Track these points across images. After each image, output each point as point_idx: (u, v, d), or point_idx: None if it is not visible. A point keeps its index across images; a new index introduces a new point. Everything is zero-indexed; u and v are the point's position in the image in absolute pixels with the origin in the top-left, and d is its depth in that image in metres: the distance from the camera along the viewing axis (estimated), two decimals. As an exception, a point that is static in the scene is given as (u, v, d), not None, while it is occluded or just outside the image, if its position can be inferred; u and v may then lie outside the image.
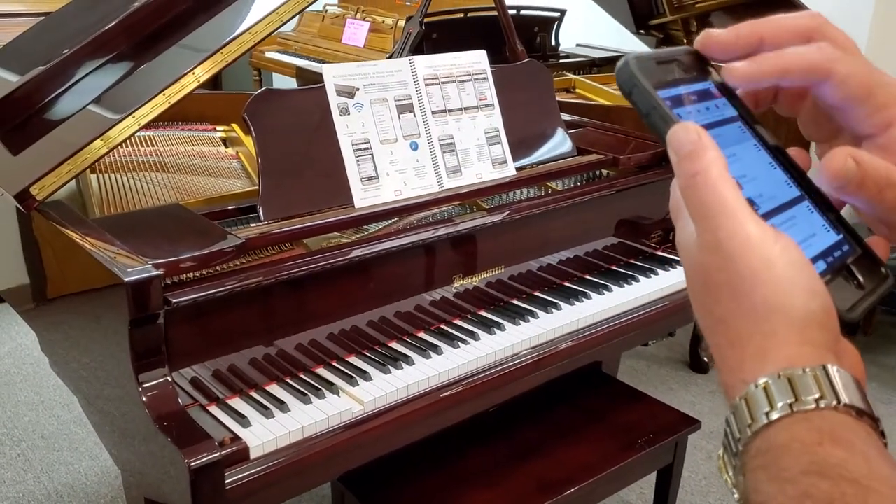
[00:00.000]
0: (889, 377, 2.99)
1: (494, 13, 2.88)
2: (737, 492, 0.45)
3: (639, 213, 1.93)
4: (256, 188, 1.61)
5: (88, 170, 1.50)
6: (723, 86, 0.54)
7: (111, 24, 1.59)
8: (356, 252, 1.42)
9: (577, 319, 1.62)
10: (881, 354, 3.14)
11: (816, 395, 0.42)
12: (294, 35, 4.68)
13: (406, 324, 1.52)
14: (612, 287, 1.75)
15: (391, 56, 2.80)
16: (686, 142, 0.47)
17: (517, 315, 1.60)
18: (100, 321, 1.37)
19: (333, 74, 1.51)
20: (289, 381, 1.35)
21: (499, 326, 1.56)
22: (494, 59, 1.76)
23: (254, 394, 1.30)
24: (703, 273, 0.47)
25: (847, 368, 0.43)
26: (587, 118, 2.18)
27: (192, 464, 1.09)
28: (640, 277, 1.81)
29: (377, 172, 1.53)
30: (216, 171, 1.81)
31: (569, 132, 1.89)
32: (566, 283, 1.77)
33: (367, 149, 1.53)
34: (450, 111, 1.64)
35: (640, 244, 1.95)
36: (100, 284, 1.27)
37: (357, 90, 1.53)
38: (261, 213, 1.42)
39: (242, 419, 1.22)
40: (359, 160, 1.51)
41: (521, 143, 1.77)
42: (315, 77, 2.89)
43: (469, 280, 1.60)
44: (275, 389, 1.32)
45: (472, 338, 1.51)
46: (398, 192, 1.55)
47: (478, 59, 1.70)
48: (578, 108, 2.43)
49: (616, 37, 3.50)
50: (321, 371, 1.39)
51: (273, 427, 1.22)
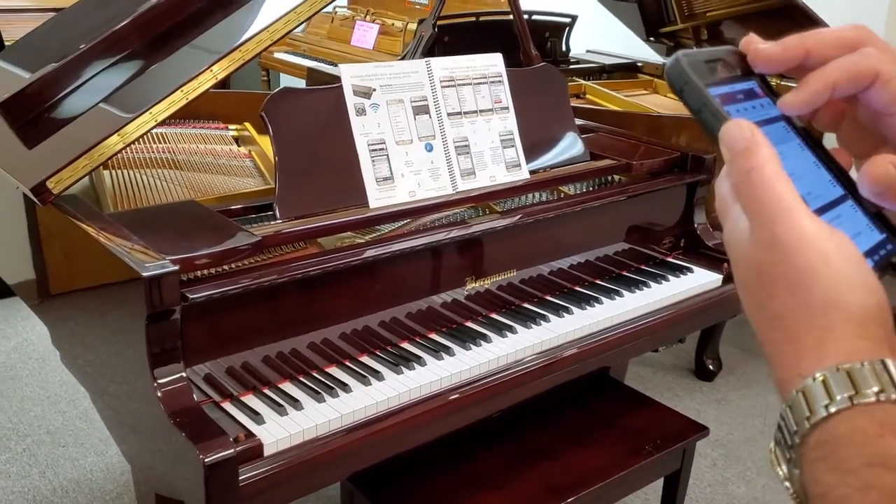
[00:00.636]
0: None
1: (505, 17, 2.89)
2: (790, 485, 0.46)
3: (650, 220, 1.93)
4: (269, 187, 1.61)
5: (101, 166, 1.50)
6: (766, 85, 0.54)
7: (126, 22, 1.60)
8: (370, 252, 1.42)
9: (589, 324, 1.62)
10: None
11: (876, 389, 0.42)
12: (303, 36, 4.69)
13: (418, 325, 1.52)
14: (624, 292, 1.75)
15: (403, 59, 2.82)
16: (740, 138, 0.48)
17: (529, 318, 1.60)
18: (106, 318, 1.37)
19: (351, 74, 1.51)
20: (302, 380, 1.35)
21: (510, 329, 1.56)
22: (506, 64, 1.76)
23: (268, 391, 1.30)
24: (757, 268, 0.47)
25: None
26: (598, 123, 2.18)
27: (207, 459, 1.09)
28: (652, 283, 1.81)
29: (392, 173, 1.54)
30: (229, 170, 1.81)
31: (581, 137, 1.89)
32: (577, 288, 1.77)
33: (383, 149, 1.53)
34: (465, 113, 1.64)
35: (651, 250, 1.95)
36: (113, 280, 1.27)
37: (374, 90, 1.53)
38: (277, 212, 1.42)
39: (256, 416, 1.22)
40: (374, 160, 1.52)
41: (535, 147, 1.78)
42: (326, 78, 2.90)
43: (481, 283, 1.60)
44: (288, 387, 1.32)
45: (484, 340, 1.51)
46: (412, 194, 1.56)
47: (494, 62, 1.70)
48: (588, 114, 2.43)
49: (626, 44, 3.51)
50: (334, 370, 1.39)
51: (287, 425, 1.22)
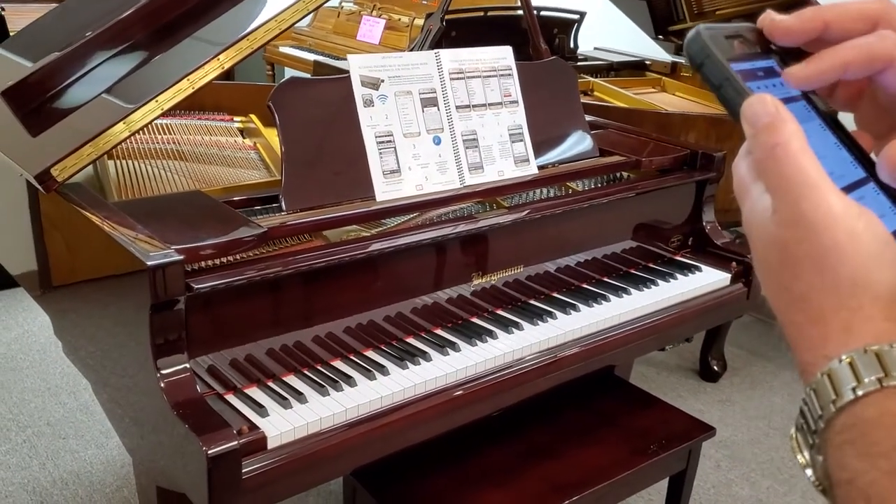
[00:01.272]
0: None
1: (513, 13, 2.87)
2: (812, 472, 0.44)
3: (659, 217, 1.91)
4: (274, 179, 1.60)
5: (106, 155, 1.49)
6: (786, 64, 0.53)
7: (131, 11, 1.58)
8: (376, 246, 1.40)
9: (596, 322, 1.60)
10: None
11: None
12: (309, 31, 4.67)
13: (423, 320, 1.51)
14: (631, 290, 1.74)
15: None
16: (763, 113, 0.46)
17: (535, 315, 1.59)
18: (109, 308, 1.36)
19: (359, 65, 1.49)
20: (306, 373, 1.33)
21: (516, 326, 1.54)
22: (515, 59, 1.74)
23: (272, 384, 1.29)
24: (781, 248, 0.45)
25: None
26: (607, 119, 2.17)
27: (210, 452, 1.07)
28: (660, 282, 1.79)
29: (399, 166, 1.52)
30: (233, 162, 1.80)
31: (590, 133, 1.87)
32: (584, 285, 1.75)
33: (390, 142, 1.51)
34: (474, 106, 1.63)
35: (660, 248, 1.93)
36: (117, 270, 1.26)
37: (382, 82, 1.51)
38: (283, 203, 1.40)
39: (260, 409, 1.21)
40: (381, 153, 1.50)
41: (544, 142, 1.76)
42: (332, 72, 2.88)
43: (487, 278, 1.59)
44: (292, 380, 1.31)
45: (490, 336, 1.50)
46: (419, 187, 1.54)
47: (503, 55, 1.68)
48: (597, 111, 2.41)
49: (634, 41, 3.50)
50: (338, 364, 1.37)
51: (291, 418, 1.20)
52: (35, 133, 1.48)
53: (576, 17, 3.28)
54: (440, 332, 1.51)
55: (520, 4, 2.08)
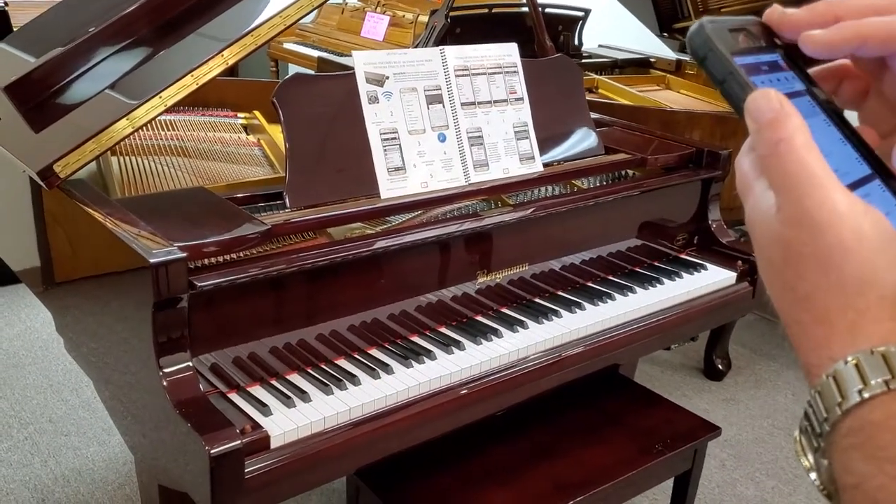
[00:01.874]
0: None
1: (518, 9, 2.86)
2: (817, 476, 0.43)
3: (664, 216, 1.90)
4: (278, 176, 1.59)
5: (109, 152, 1.48)
6: (791, 59, 0.52)
7: (135, 7, 1.57)
8: (380, 244, 1.40)
9: (601, 320, 1.59)
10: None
11: None
12: (313, 27, 4.66)
13: (428, 318, 1.50)
14: (636, 289, 1.72)
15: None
16: (767, 109, 0.45)
17: (540, 314, 1.58)
18: (111, 305, 1.35)
19: (364, 61, 1.48)
20: (310, 371, 1.32)
21: (521, 324, 1.53)
22: (520, 55, 1.73)
23: (275, 382, 1.28)
24: (785, 246, 0.44)
25: None
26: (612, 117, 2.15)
27: (213, 451, 1.06)
28: (665, 280, 1.78)
29: (404, 163, 1.51)
30: (237, 158, 1.79)
31: (595, 130, 1.86)
32: (589, 284, 1.74)
33: (395, 139, 1.50)
34: (479, 103, 1.61)
35: (665, 247, 1.92)
36: (119, 267, 1.25)
37: (387, 78, 1.50)
38: (287, 201, 1.39)
39: (263, 407, 1.20)
40: (386, 150, 1.49)
41: (549, 139, 1.75)
42: (336, 69, 2.87)
43: (492, 276, 1.58)
44: (296, 379, 1.30)
45: (495, 335, 1.49)
46: (424, 185, 1.53)
47: (509, 52, 1.67)
48: (601, 108, 2.40)
49: (639, 39, 3.48)
50: (342, 362, 1.37)
51: (294, 416, 1.19)
52: (38, 129, 1.47)
53: (580, 14, 3.27)
54: (445, 331, 1.50)
55: (524, 1, 2.07)
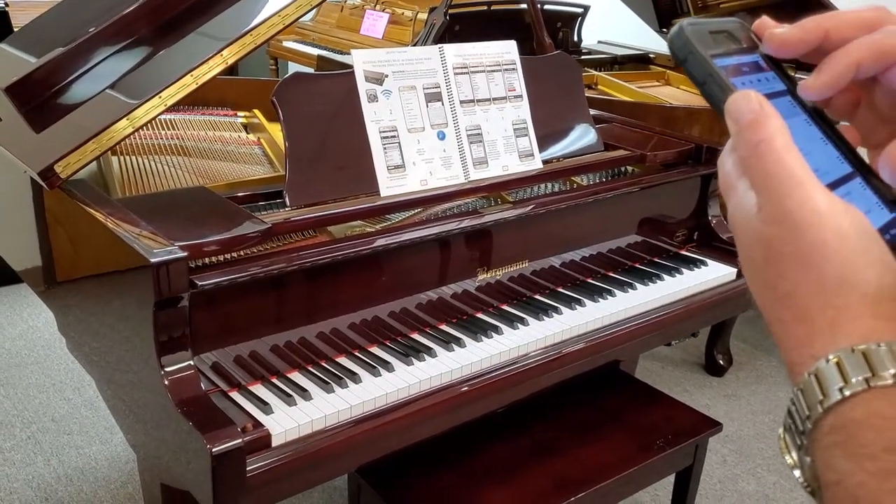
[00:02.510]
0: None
1: (517, 7, 2.86)
2: (800, 473, 0.44)
3: (664, 212, 1.90)
4: (278, 174, 1.59)
5: (110, 152, 1.48)
6: (771, 59, 0.53)
7: (134, 7, 1.58)
8: (380, 241, 1.40)
9: (601, 317, 1.60)
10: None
11: (893, 371, 0.40)
12: (312, 25, 4.66)
13: (428, 316, 1.50)
14: (637, 285, 1.73)
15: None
16: (747, 110, 0.46)
17: (540, 310, 1.58)
18: (112, 304, 1.35)
19: (363, 60, 1.49)
20: (311, 369, 1.33)
21: (522, 321, 1.54)
22: (518, 53, 1.73)
23: (276, 381, 1.29)
24: (766, 246, 0.45)
25: None
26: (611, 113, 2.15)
27: (214, 449, 1.07)
28: (665, 276, 1.79)
29: (404, 161, 1.51)
30: (237, 157, 1.79)
31: (595, 127, 1.87)
32: (589, 280, 1.75)
33: (395, 137, 1.51)
34: (478, 101, 1.62)
35: (665, 243, 1.92)
36: (120, 266, 1.25)
37: (386, 77, 1.51)
38: (287, 199, 1.39)
39: (265, 406, 1.21)
40: (386, 148, 1.49)
41: (548, 136, 1.75)
42: (335, 67, 2.87)
43: (492, 274, 1.58)
44: (297, 377, 1.31)
45: (496, 332, 1.49)
46: (424, 182, 1.53)
47: (507, 50, 1.67)
48: (601, 104, 2.40)
49: (638, 35, 3.48)
50: (343, 360, 1.37)
51: (295, 414, 1.20)
52: (39, 129, 1.47)
53: (579, 11, 3.27)
54: (445, 328, 1.51)
55: (524, -2, 2.07)
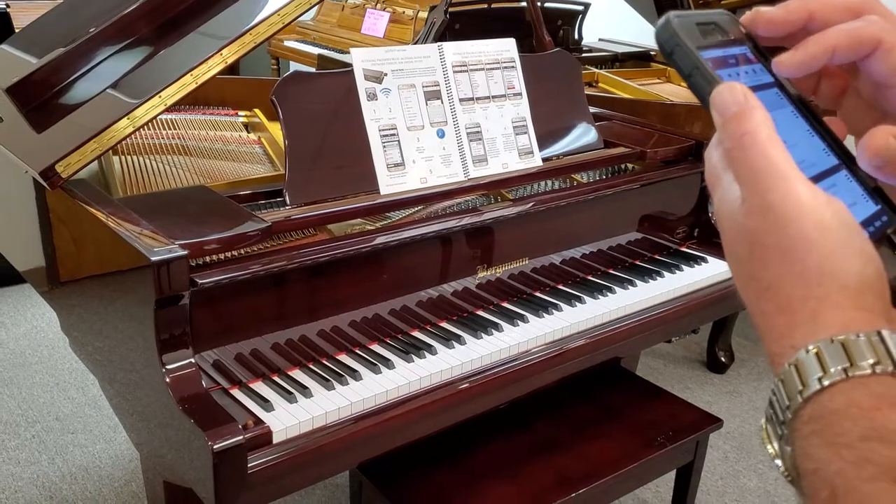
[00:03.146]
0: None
1: (517, 5, 2.86)
2: (781, 463, 0.44)
3: (664, 209, 1.91)
4: (279, 173, 1.60)
5: (111, 151, 1.49)
6: (759, 51, 0.53)
7: (134, 7, 1.58)
8: (380, 239, 1.40)
9: (602, 314, 1.60)
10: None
11: (872, 361, 0.41)
12: (313, 24, 4.67)
13: (429, 313, 1.51)
14: (637, 282, 1.73)
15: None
16: (732, 102, 0.46)
17: (540, 308, 1.58)
18: (115, 304, 1.36)
19: (362, 59, 1.49)
20: (311, 367, 1.33)
21: (522, 319, 1.54)
22: (519, 51, 1.74)
23: (277, 378, 1.29)
24: (750, 238, 0.45)
25: None
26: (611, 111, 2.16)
27: (216, 446, 1.07)
28: (665, 273, 1.79)
29: (403, 159, 1.52)
30: (238, 156, 1.80)
31: (595, 124, 1.87)
32: (590, 277, 1.75)
33: (394, 135, 1.51)
34: (477, 99, 1.62)
35: (665, 240, 1.93)
36: (122, 265, 1.26)
37: (385, 75, 1.51)
38: (287, 198, 1.40)
39: (265, 403, 1.21)
40: (385, 146, 1.50)
41: (548, 134, 1.75)
42: (336, 66, 2.87)
43: (492, 271, 1.59)
44: (297, 374, 1.31)
45: (495, 329, 1.50)
46: (424, 180, 1.54)
47: (507, 47, 1.68)
48: (601, 102, 2.40)
49: (639, 32, 3.48)
50: (343, 358, 1.38)
51: (296, 412, 1.20)
52: (40, 130, 1.48)
53: (580, 9, 3.27)
54: (445, 326, 1.51)
55: (523, -4, 2.07)
